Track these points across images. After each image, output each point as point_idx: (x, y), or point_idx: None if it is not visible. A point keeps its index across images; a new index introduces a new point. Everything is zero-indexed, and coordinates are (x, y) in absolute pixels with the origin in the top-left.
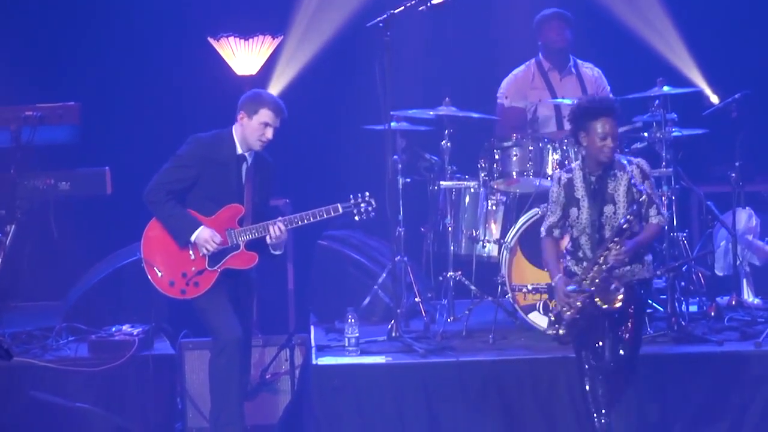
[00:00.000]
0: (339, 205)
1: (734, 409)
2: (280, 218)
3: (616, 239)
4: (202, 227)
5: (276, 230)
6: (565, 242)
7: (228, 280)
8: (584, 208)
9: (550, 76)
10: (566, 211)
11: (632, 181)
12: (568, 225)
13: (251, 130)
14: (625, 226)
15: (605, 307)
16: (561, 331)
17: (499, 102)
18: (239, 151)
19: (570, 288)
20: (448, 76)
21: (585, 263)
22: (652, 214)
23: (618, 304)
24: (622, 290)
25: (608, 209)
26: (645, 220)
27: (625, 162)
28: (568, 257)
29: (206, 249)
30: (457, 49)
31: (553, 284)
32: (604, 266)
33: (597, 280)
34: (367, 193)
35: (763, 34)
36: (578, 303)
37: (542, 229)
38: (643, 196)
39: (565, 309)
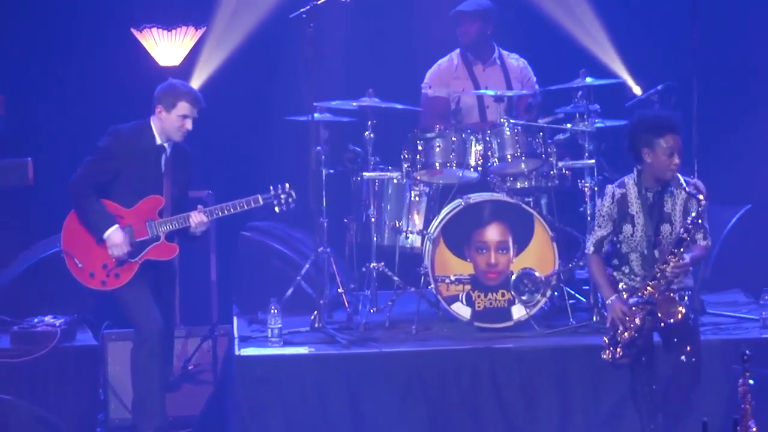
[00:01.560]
0: (259, 196)
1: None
2: (200, 208)
3: (675, 251)
4: (115, 228)
5: (197, 219)
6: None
7: (149, 271)
8: (639, 225)
9: (474, 66)
10: (618, 227)
11: (687, 189)
12: (618, 241)
13: (170, 123)
14: (684, 235)
15: (669, 321)
16: (619, 353)
17: (424, 92)
18: (158, 141)
19: (632, 300)
20: (371, 68)
21: (630, 276)
22: (699, 237)
23: (680, 316)
24: (683, 303)
25: (665, 228)
26: (692, 242)
27: (683, 180)
28: (611, 271)
29: (113, 252)
30: (381, 40)
31: (608, 303)
32: (662, 280)
33: (656, 294)
34: (287, 185)
35: (685, 25)
36: (637, 321)
37: (589, 245)
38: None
39: (621, 329)
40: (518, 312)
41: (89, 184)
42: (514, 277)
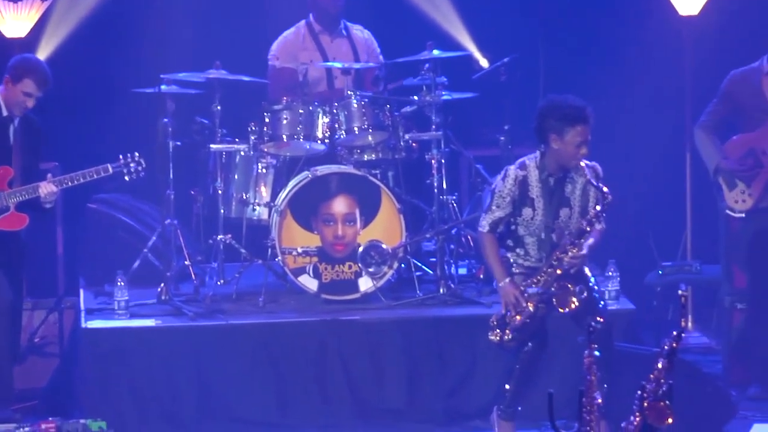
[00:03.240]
0: (109, 165)
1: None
2: (49, 177)
3: (575, 241)
4: None
5: (46, 189)
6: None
7: None
8: (539, 209)
9: (321, 38)
10: (517, 210)
11: (591, 181)
12: (514, 223)
13: (13, 96)
14: (587, 228)
15: (564, 310)
16: (507, 337)
17: (271, 64)
18: (5, 113)
19: (531, 290)
20: (219, 39)
21: (525, 257)
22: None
23: (573, 306)
24: (581, 293)
25: (564, 212)
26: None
27: (582, 164)
28: (505, 252)
29: None
30: (229, 11)
31: (501, 285)
32: (559, 269)
33: (553, 283)
34: (137, 153)
35: None
36: (530, 306)
37: (484, 223)
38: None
39: (513, 313)
40: (365, 284)
41: None
42: (361, 249)
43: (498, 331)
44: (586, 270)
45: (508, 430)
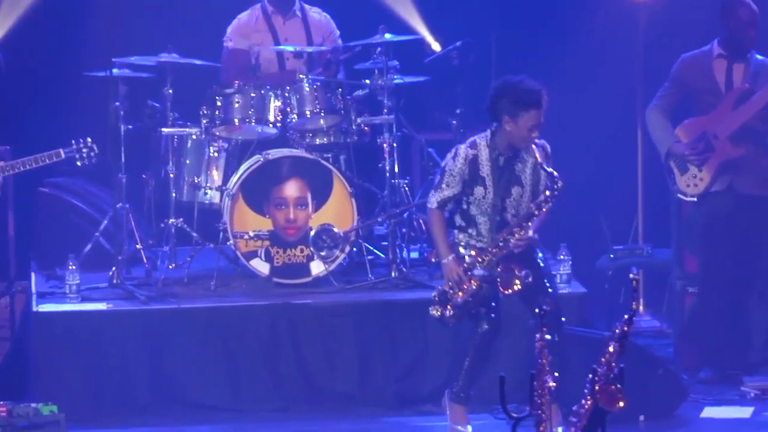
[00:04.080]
0: (61, 150)
1: (454, 353)
2: (2, 164)
3: (523, 224)
4: None
5: None
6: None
7: None
8: (490, 188)
9: (274, 19)
10: (469, 189)
11: (543, 166)
12: (466, 202)
13: None
14: (536, 212)
15: (507, 292)
16: (449, 313)
17: (225, 46)
18: None
19: (477, 272)
20: (171, 23)
21: (477, 238)
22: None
23: (517, 287)
24: (526, 277)
25: (516, 191)
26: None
27: (534, 147)
28: (457, 232)
29: None
30: None
31: (444, 262)
32: (504, 250)
33: (498, 264)
34: (89, 139)
35: None
36: (473, 284)
37: (433, 200)
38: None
39: (456, 290)
40: (317, 268)
41: None
42: (312, 232)
43: (439, 306)
44: (539, 253)
45: (459, 413)
